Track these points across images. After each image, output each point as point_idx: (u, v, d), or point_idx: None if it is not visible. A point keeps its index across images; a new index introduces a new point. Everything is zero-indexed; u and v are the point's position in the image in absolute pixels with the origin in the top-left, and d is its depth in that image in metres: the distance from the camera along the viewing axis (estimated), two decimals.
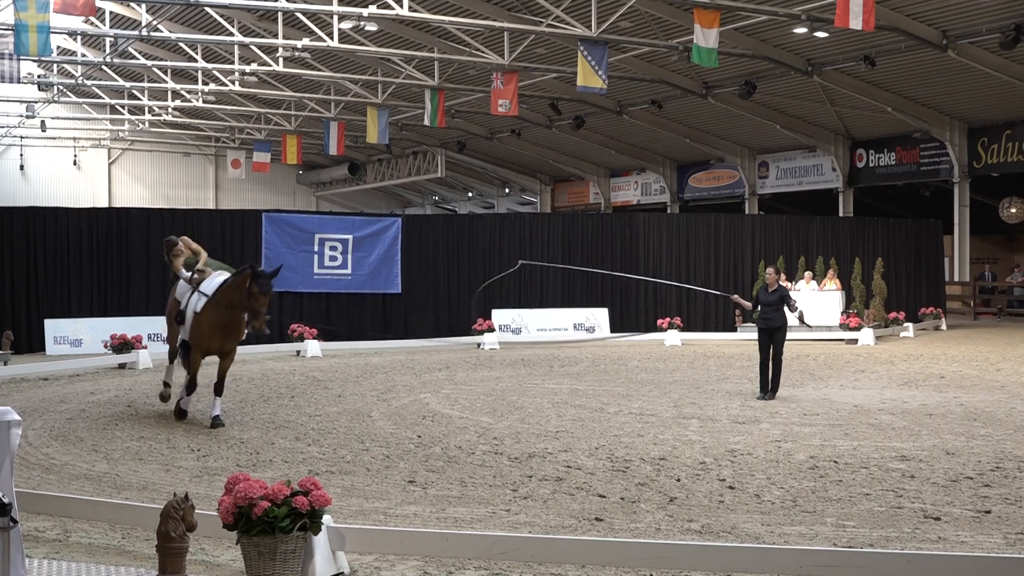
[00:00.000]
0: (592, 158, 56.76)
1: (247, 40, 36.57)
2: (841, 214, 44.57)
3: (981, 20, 32.09)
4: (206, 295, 14.97)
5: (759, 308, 17.87)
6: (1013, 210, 41.17)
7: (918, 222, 38.36)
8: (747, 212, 47.76)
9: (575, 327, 31.37)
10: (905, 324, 31.96)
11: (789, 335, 18.83)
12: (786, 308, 17.74)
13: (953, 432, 13.90)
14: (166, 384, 16.11)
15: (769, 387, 17.54)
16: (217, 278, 15.22)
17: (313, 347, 26.16)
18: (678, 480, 10.95)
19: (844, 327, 29.37)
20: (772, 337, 17.67)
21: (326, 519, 7.57)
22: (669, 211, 52.35)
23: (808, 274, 31.94)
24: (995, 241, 48.32)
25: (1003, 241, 49.08)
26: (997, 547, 8.40)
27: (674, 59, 37.34)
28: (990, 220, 42.85)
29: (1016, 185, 41.18)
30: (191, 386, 15.19)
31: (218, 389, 15.00)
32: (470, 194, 69.32)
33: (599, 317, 31.61)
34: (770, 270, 18.38)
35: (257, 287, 14.44)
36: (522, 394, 18.15)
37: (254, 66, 40.46)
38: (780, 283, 18.43)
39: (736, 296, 19.41)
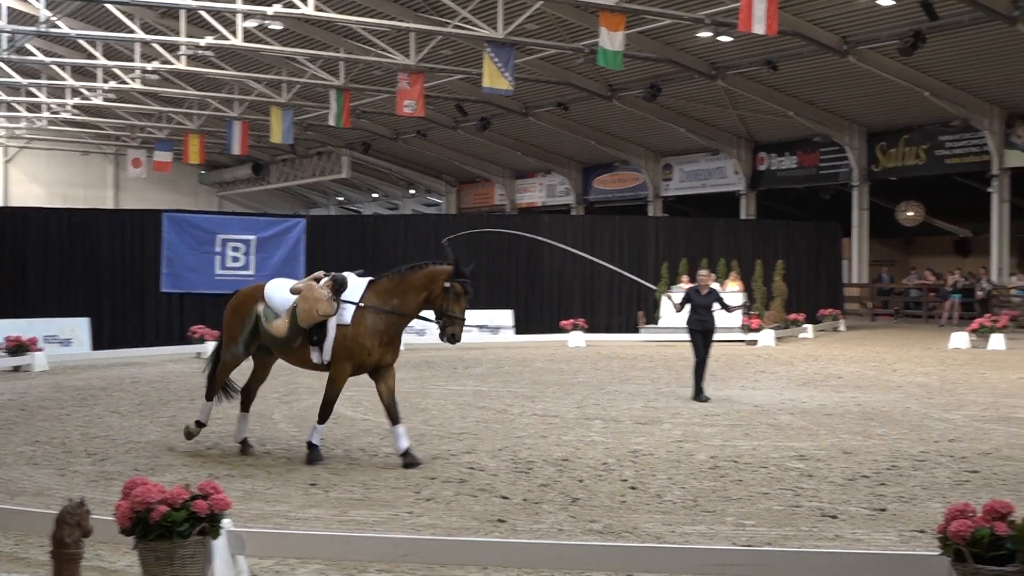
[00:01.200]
0: (498, 160, 56.84)
1: (149, 37, 36.09)
2: (743, 216, 45.13)
3: (881, 27, 32.68)
4: (353, 302, 12.19)
5: (690, 309, 17.74)
6: (910, 213, 41.98)
7: (818, 225, 38.92)
8: (651, 214, 48.14)
9: (479, 329, 31.34)
10: (804, 325, 32.43)
11: (684, 336, 18.98)
12: (719, 308, 17.80)
13: (850, 432, 14.12)
14: (200, 424, 13.05)
15: (694, 388, 17.60)
16: (352, 282, 12.45)
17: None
18: (581, 481, 10.98)
19: (745, 328, 29.71)
20: (705, 339, 17.77)
21: (226, 523, 7.46)
22: (574, 213, 52.59)
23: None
24: (893, 244, 49.23)
25: (900, 244, 50.02)
26: (892, 544, 8.54)
27: (580, 61, 37.57)
28: (888, 223, 43.64)
29: (913, 189, 41.99)
30: (327, 414, 12.39)
31: (395, 414, 12.10)
32: (375, 195, 69.07)
33: (503, 319, 31.63)
34: (704, 272, 18.47)
35: (462, 287, 12.07)
36: (425, 396, 18.10)
37: (156, 64, 39.89)
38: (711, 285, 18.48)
39: (669, 294, 19.49)
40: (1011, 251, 39.15)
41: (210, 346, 25.80)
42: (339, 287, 12.17)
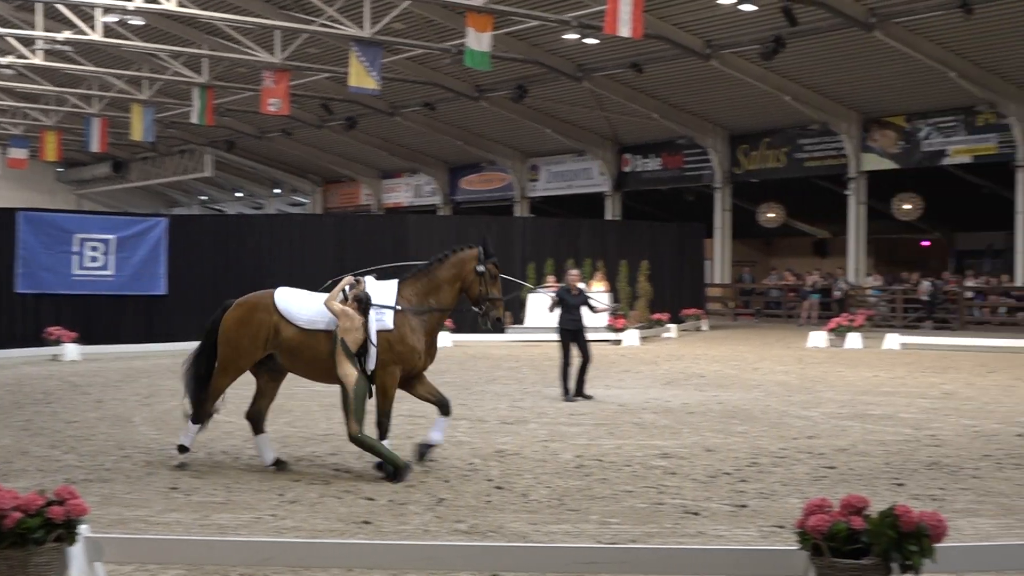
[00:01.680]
0: (364, 159, 56.56)
1: (3, 31, 35.08)
2: (609, 217, 45.58)
3: (743, 31, 33.30)
4: (390, 306, 11.53)
5: (562, 309, 17.83)
6: (771, 215, 42.85)
7: (682, 226, 39.49)
8: (518, 215, 48.33)
9: None
10: (668, 325, 32.86)
11: (552, 336, 19.12)
12: (587, 310, 17.95)
13: (712, 430, 14.33)
14: (184, 449, 11.84)
15: (575, 389, 17.69)
16: (376, 286, 11.75)
17: (71, 351, 25.23)
18: (447, 481, 10.96)
19: (610, 328, 29.98)
20: (576, 339, 17.86)
21: (83, 529, 7.27)
22: (440, 213, 52.56)
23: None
24: (754, 245, 50.20)
25: (761, 245, 51.03)
26: (752, 539, 8.67)
27: (447, 62, 37.59)
28: (750, 224, 44.48)
29: (774, 191, 42.86)
30: (387, 427, 11.73)
31: (447, 408, 11.89)
32: (239, 194, 68.20)
33: None
34: (574, 272, 18.65)
35: (495, 266, 11.84)
36: (290, 397, 17.87)
37: (11, 58, 38.80)
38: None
39: (549, 294, 19.57)
40: (867, 252, 40.22)
41: (70, 348, 25.25)
42: (364, 307, 11.37)
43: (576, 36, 34.53)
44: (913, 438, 13.61)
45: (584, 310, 17.94)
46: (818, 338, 28.81)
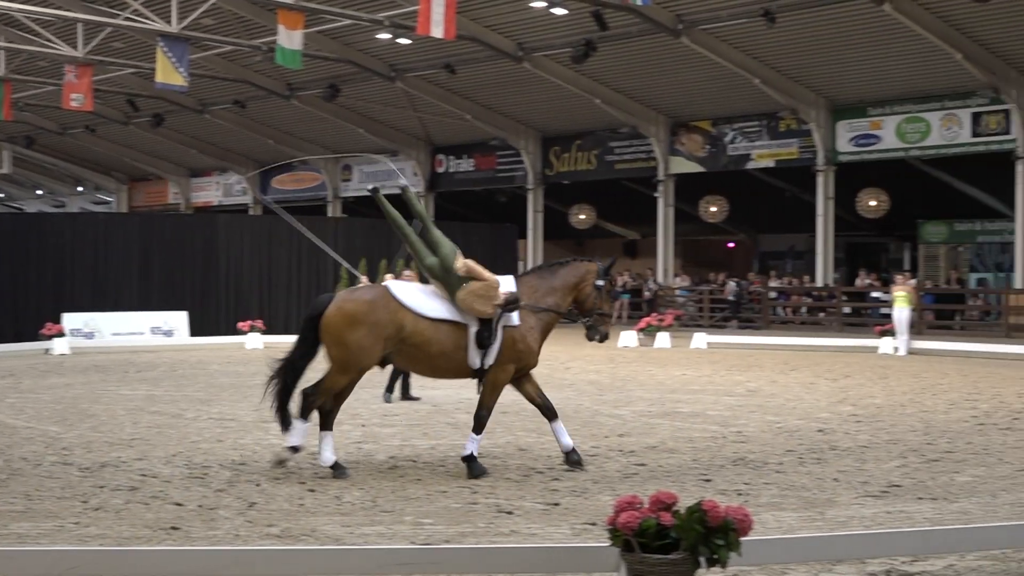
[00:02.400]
0: (172, 157, 55.33)
1: None
2: None
3: (554, 34, 33.67)
4: (520, 303, 11.55)
5: None
6: (582, 216, 43.44)
7: (495, 227, 39.75)
8: (330, 215, 47.94)
9: (152, 331, 30.38)
10: None
11: None
12: None
13: (525, 429, 14.42)
14: (296, 449, 11.49)
15: (403, 391, 17.60)
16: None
17: None
18: (258, 485, 10.76)
19: None
20: None
21: None
22: (252, 212, 51.78)
23: (389, 276, 32.30)
24: (566, 245, 50.72)
25: (572, 246, 51.59)
26: (565, 537, 8.74)
27: (258, 59, 37.03)
28: (561, 225, 45.00)
29: (585, 192, 43.45)
30: (485, 422, 11.77)
31: (553, 410, 11.80)
32: (39, 192, 66.01)
33: (177, 321, 30.77)
34: (408, 272, 18.65)
35: (610, 282, 12.18)
36: (94, 402, 17.38)
37: None
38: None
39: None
40: (675, 253, 41.11)
41: None
42: (511, 307, 11.36)
43: (389, 36, 34.41)
44: (720, 435, 13.94)
45: None
46: (628, 338, 29.31)
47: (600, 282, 12.02)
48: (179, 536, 8.76)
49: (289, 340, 30.02)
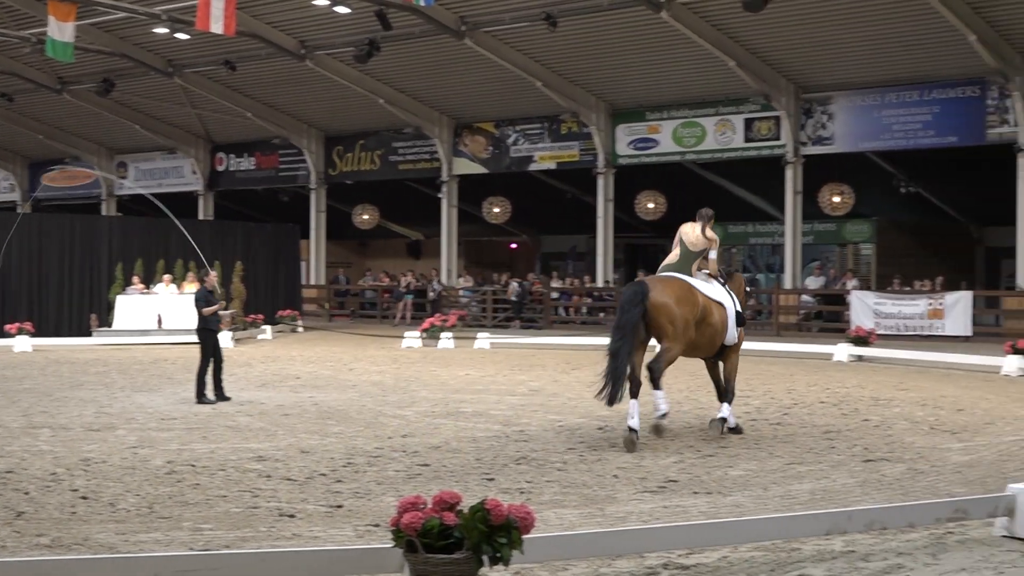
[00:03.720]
0: None
1: None
2: (201, 217, 44.61)
3: (337, 33, 33.43)
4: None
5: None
6: (365, 216, 43.25)
7: (277, 226, 39.23)
8: (105, 213, 46.52)
9: None
10: (263, 327, 32.51)
11: (148, 339, 18.67)
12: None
13: (308, 431, 14.26)
14: (665, 414, 13.63)
15: (217, 391, 17.33)
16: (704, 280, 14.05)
17: None
18: (27, 494, 10.33)
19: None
20: (215, 338, 17.70)
21: None
22: (20, 211, 49.78)
23: (167, 277, 31.65)
24: (349, 246, 50.49)
25: (356, 246, 51.39)
26: (348, 539, 8.66)
27: (27, 51, 35.64)
28: (345, 226, 44.71)
29: (369, 193, 43.27)
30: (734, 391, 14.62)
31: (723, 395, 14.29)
32: None
33: None
34: (213, 273, 18.48)
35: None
36: None
37: None
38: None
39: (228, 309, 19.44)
40: (459, 254, 41.32)
41: None
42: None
43: (166, 30, 33.56)
44: (503, 434, 14.05)
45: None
46: (412, 338, 29.30)
47: (748, 289, 15.58)
48: None
49: (59, 343, 28.99)
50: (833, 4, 28.66)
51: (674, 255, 14.12)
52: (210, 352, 17.46)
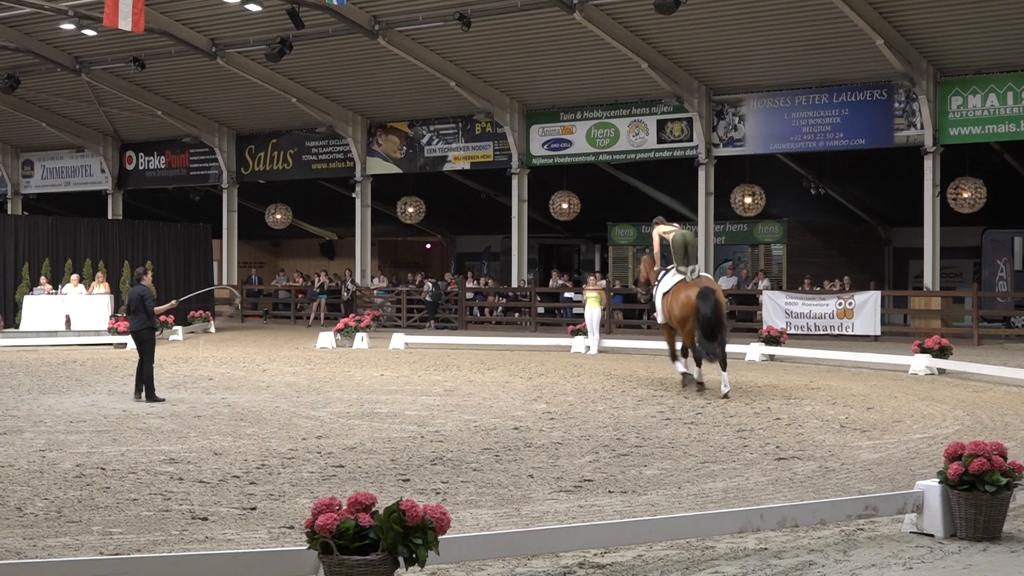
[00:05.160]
0: None
1: None
2: (111, 216, 43.99)
3: (250, 31, 33.11)
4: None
5: (144, 310, 17.81)
6: (278, 216, 42.91)
7: (188, 226, 38.81)
8: (10, 212, 45.67)
9: None
10: (174, 327, 32.11)
11: (56, 340, 18.42)
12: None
13: (221, 433, 14.11)
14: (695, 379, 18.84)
15: (148, 391, 17.37)
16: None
17: None
18: None
19: (113, 331, 28.91)
20: (152, 339, 17.84)
21: None
22: None
23: (75, 277, 31.17)
24: (261, 246, 50.08)
25: (269, 246, 50.99)
26: (262, 542, 8.59)
27: None
28: (258, 225, 44.35)
29: (281, 192, 42.94)
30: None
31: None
32: None
33: None
34: (150, 274, 18.70)
35: None
36: None
37: None
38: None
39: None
40: (373, 254, 41.16)
41: None
42: None
43: (73, 27, 32.99)
44: (418, 434, 14.01)
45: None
46: (326, 339, 29.13)
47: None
48: None
49: None
50: (743, 7, 28.95)
51: (680, 256, 18.79)
52: (153, 351, 17.60)
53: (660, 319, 19.54)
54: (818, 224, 38.81)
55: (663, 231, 19.42)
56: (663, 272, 19.34)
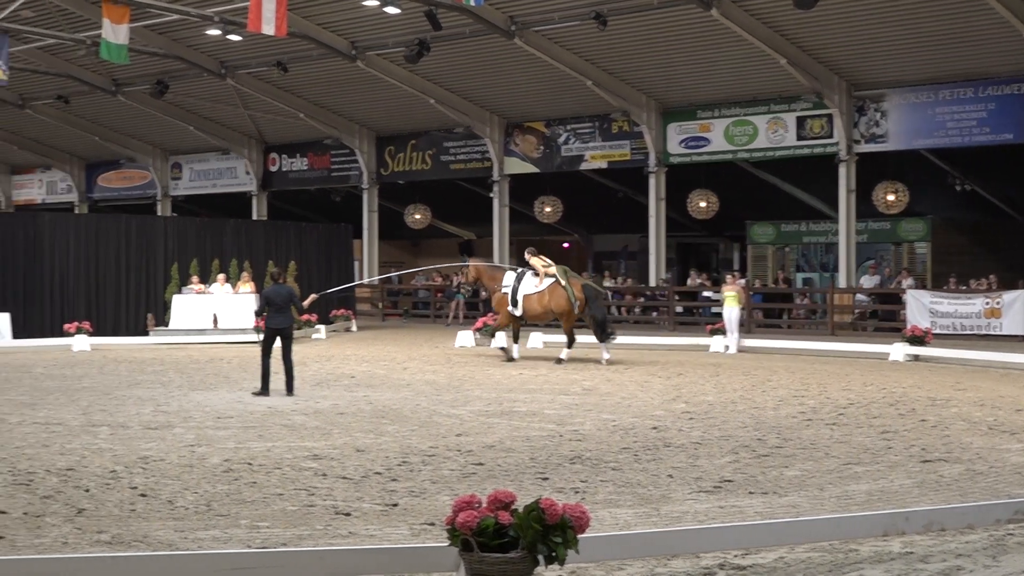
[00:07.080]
0: None
1: None
2: (255, 217, 44.92)
3: (388, 33, 33.52)
4: None
5: (270, 309, 18.68)
6: (418, 216, 43.36)
7: (329, 226, 39.42)
8: (160, 213, 46.95)
9: None
10: (317, 326, 32.65)
11: (204, 338, 18.87)
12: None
13: (363, 430, 14.32)
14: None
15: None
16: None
17: None
18: (87, 491, 10.46)
19: (258, 330, 29.44)
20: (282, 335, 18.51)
21: None
22: (77, 211, 50.37)
23: (222, 277, 31.89)
24: (401, 245, 50.67)
25: (409, 246, 51.58)
26: (403, 538, 8.70)
27: (82, 53, 36.01)
28: (397, 225, 44.84)
29: (421, 192, 43.38)
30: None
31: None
32: None
33: None
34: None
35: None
36: None
37: None
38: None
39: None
40: (511, 253, 41.31)
41: None
42: None
43: (219, 32, 33.79)
44: (557, 433, 14.04)
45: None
46: (465, 338, 29.32)
47: None
48: (3, 545, 8.46)
49: (117, 342, 29.31)
50: (884, 1, 28.40)
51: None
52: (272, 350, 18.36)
53: (517, 312, 24.32)
54: (964, 221, 37.87)
55: (542, 265, 24.40)
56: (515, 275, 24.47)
